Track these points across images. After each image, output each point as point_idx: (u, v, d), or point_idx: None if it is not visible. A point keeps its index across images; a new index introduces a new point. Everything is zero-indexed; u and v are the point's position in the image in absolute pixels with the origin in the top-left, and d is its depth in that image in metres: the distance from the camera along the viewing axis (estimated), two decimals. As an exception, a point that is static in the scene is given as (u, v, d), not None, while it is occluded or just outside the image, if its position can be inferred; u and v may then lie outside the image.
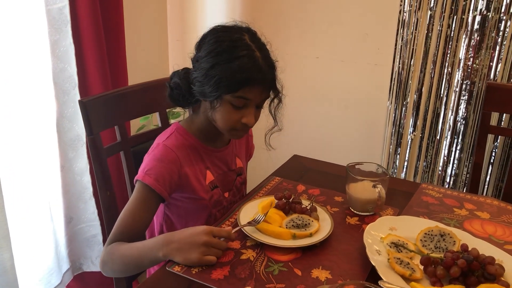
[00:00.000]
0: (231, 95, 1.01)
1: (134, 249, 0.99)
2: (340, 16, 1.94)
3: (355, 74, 1.98)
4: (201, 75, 1.02)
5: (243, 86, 1.00)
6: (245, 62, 0.99)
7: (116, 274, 1.09)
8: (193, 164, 1.12)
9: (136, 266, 1.02)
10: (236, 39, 1.02)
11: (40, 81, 1.52)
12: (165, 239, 0.96)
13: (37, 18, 1.46)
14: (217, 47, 1.01)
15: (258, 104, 1.06)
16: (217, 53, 1.01)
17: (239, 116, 1.04)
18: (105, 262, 1.03)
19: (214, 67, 1.00)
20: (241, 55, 0.99)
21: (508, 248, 1.02)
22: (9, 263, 1.38)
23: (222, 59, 1.00)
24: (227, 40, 1.02)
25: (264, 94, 1.05)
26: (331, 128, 2.11)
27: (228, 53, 1.00)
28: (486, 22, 1.65)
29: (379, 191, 1.09)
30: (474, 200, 1.25)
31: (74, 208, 1.72)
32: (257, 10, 2.10)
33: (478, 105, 1.74)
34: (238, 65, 0.98)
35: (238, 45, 1.01)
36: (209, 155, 1.16)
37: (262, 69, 1.01)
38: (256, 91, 1.02)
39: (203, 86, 1.02)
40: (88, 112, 1.16)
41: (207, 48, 1.03)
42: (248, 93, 1.01)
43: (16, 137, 1.48)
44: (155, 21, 2.24)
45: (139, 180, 1.05)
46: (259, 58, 1.01)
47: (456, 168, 1.85)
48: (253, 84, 1.01)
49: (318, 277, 0.91)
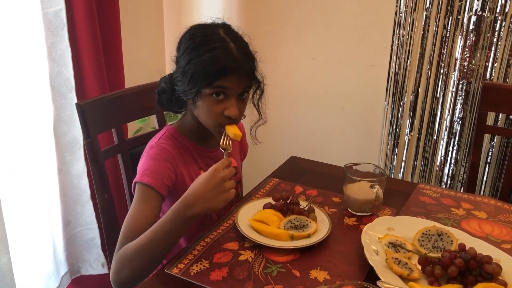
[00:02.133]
0: (208, 88, 1.00)
1: (152, 232, 0.93)
2: (336, 18, 1.95)
3: (351, 75, 1.99)
4: (180, 74, 1.03)
5: (219, 77, 0.99)
6: (218, 53, 0.98)
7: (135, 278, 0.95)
8: (186, 164, 1.12)
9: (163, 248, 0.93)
10: (209, 33, 1.02)
11: (37, 84, 1.52)
12: (185, 203, 0.92)
13: (33, 21, 1.46)
14: (192, 43, 1.02)
15: (239, 94, 1.04)
16: (191, 49, 1.01)
17: (221, 109, 1.03)
18: (121, 268, 0.94)
19: (189, 63, 1.00)
20: (214, 47, 0.99)
21: (506, 247, 1.02)
22: (6, 267, 1.38)
23: (196, 54, 1.00)
24: (200, 35, 1.02)
25: (242, 83, 1.03)
26: (329, 129, 2.12)
27: (202, 47, 1.00)
28: (482, 22, 1.66)
29: (377, 192, 1.09)
30: (471, 200, 1.25)
31: (72, 211, 1.72)
32: (254, 10, 2.10)
33: (474, 105, 1.75)
34: (211, 56, 0.98)
35: (212, 38, 1.01)
36: (202, 156, 1.16)
37: (236, 58, 0.99)
38: (233, 80, 1.00)
39: (183, 85, 1.02)
40: (85, 115, 1.16)
41: (183, 46, 1.03)
42: (224, 82, 1.00)
43: (14, 141, 1.48)
44: (151, 23, 2.24)
45: (138, 181, 1.03)
46: (232, 49, 1.00)
47: (453, 168, 1.85)
48: (228, 73, 0.99)
49: (317, 278, 0.91)
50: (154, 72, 1.17)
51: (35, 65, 1.50)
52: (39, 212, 1.59)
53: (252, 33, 1.09)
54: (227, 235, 1.05)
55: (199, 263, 0.95)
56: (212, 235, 1.05)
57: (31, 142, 1.53)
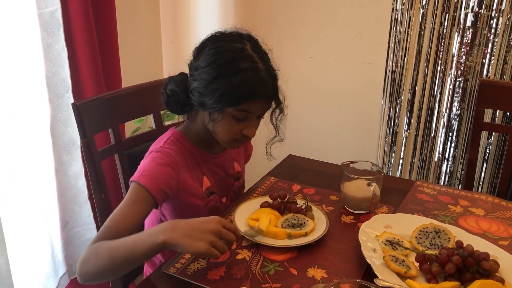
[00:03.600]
0: (233, 108, 0.99)
1: (126, 239, 0.89)
2: (333, 16, 1.94)
3: (348, 73, 1.99)
4: (202, 86, 0.99)
5: (247, 100, 0.98)
6: (248, 76, 0.96)
7: (96, 275, 0.91)
8: (190, 170, 1.10)
9: (126, 259, 0.88)
10: (238, 49, 0.98)
11: (34, 85, 1.51)
12: (170, 224, 0.88)
13: (29, 21, 1.46)
14: (219, 58, 0.98)
15: (259, 115, 1.05)
16: (219, 65, 0.97)
17: (240, 128, 1.02)
18: (87, 260, 0.90)
19: (216, 80, 0.97)
20: (244, 68, 0.96)
21: (503, 244, 1.02)
22: (4, 268, 1.38)
23: (224, 72, 0.96)
24: (228, 50, 0.98)
25: (266, 106, 1.04)
26: (326, 128, 2.12)
27: (231, 66, 0.97)
28: (478, 19, 1.66)
29: (374, 189, 1.09)
30: (469, 197, 1.25)
31: (70, 211, 1.71)
32: (250, 10, 2.10)
33: (471, 102, 1.75)
34: (241, 79, 0.95)
35: (240, 56, 0.97)
36: (206, 161, 1.14)
37: (265, 83, 0.98)
38: (259, 104, 1.00)
39: (204, 97, 0.99)
40: (81, 115, 1.16)
41: (208, 58, 0.99)
42: (251, 106, 0.99)
43: (11, 142, 1.47)
44: (148, 23, 2.23)
45: (134, 180, 1.01)
46: (262, 71, 0.98)
47: (451, 166, 1.86)
48: (257, 98, 0.98)
49: (314, 276, 0.91)
50: (151, 71, 1.16)
51: (31, 65, 1.49)
52: (37, 212, 1.59)
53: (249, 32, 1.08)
54: (224, 234, 1.05)
55: (196, 263, 0.95)
56: (210, 234, 1.05)
57: (28, 143, 1.53)
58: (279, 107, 1.08)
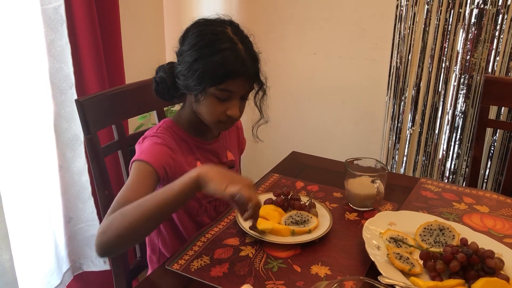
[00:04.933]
0: (214, 88, 1.01)
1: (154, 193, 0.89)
2: (337, 12, 1.93)
3: (353, 70, 1.98)
4: (185, 69, 1.03)
5: (226, 79, 1.00)
6: (227, 54, 0.99)
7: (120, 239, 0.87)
8: (184, 154, 1.12)
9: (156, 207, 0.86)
10: (219, 32, 1.02)
11: (37, 81, 1.51)
12: (204, 165, 0.89)
13: (32, 17, 1.45)
14: (200, 40, 1.01)
15: (242, 96, 1.06)
16: (200, 47, 1.01)
17: (223, 109, 1.04)
18: (109, 225, 0.88)
19: (198, 61, 1.00)
20: (224, 48, 0.99)
21: (508, 241, 1.02)
22: (8, 264, 1.38)
23: (205, 52, 1.00)
24: (209, 33, 1.02)
25: (247, 86, 1.05)
26: (330, 124, 2.11)
27: (211, 46, 1.00)
28: (484, 15, 1.64)
29: (378, 187, 1.09)
30: (473, 194, 1.24)
31: (73, 208, 1.72)
32: (254, 6, 2.09)
33: (476, 99, 1.74)
34: (221, 58, 0.99)
35: (221, 37, 1.01)
36: (199, 148, 1.16)
37: (245, 62, 1.01)
38: (240, 83, 1.02)
39: (187, 80, 1.03)
40: (85, 111, 1.16)
41: (190, 41, 1.03)
42: (231, 85, 1.01)
43: (14, 138, 1.48)
44: (151, 19, 2.23)
45: (136, 159, 1.01)
46: (241, 51, 1.01)
47: (455, 163, 1.85)
48: (236, 77, 1.01)
49: (318, 273, 0.91)
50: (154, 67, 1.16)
51: (34, 62, 1.49)
52: (41, 209, 1.59)
53: (252, 29, 1.09)
54: (227, 230, 1.05)
55: (200, 259, 0.94)
56: (213, 231, 1.05)
57: (31, 139, 1.53)
58: (261, 88, 1.10)
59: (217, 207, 1.21)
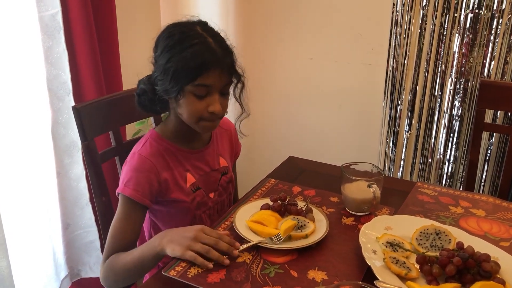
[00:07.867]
0: (191, 85, 1.01)
1: (134, 252, 1.01)
2: (333, 17, 1.95)
3: (349, 74, 1.99)
4: (160, 72, 1.03)
5: (200, 72, 1.00)
6: (197, 48, 0.99)
7: (120, 284, 1.08)
8: (171, 168, 1.12)
9: (139, 269, 1.02)
10: (187, 30, 1.03)
11: (35, 88, 1.52)
12: (162, 233, 0.99)
13: (29, 24, 1.46)
14: (170, 41, 1.02)
15: (221, 90, 1.05)
16: (170, 47, 1.01)
17: (204, 105, 1.04)
18: (107, 277, 1.05)
19: (170, 61, 1.00)
20: (194, 43, 1.00)
21: (504, 245, 1.02)
22: (6, 271, 1.38)
23: (176, 51, 1.00)
24: (178, 32, 1.03)
25: (224, 79, 1.04)
26: (327, 129, 2.12)
27: (181, 44, 1.01)
28: (479, 20, 1.65)
29: (374, 191, 1.09)
30: (470, 198, 1.25)
31: (71, 214, 1.72)
32: (250, 11, 2.10)
33: (472, 102, 1.75)
34: (191, 52, 0.99)
35: (190, 34, 1.02)
36: (187, 158, 1.15)
37: (216, 52, 1.01)
38: (214, 75, 1.01)
39: (164, 83, 1.03)
40: (82, 118, 1.16)
41: (161, 45, 1.04)
42: (207, 79, 1.01)
43: (12, 144, 1.48)
44: (148, 26, 2.23)
45: (120, 192, 1.07)
46: (211, 43, 1.01)
47: (452, 166, 1.85)
48: (210, 68, 1.00)
49: (314, 278, 0.91)
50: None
51: (32, 68, 1.50)
52: (38, 215, 1.60)
53: (249, 33, 1.09)
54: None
55: (197, 266, 0.94)
56: (210, 236, 1.05)
57: (29, 145, 1.53)
58: (240, 81, 1.10)
59: (212, 216, 1.21)
